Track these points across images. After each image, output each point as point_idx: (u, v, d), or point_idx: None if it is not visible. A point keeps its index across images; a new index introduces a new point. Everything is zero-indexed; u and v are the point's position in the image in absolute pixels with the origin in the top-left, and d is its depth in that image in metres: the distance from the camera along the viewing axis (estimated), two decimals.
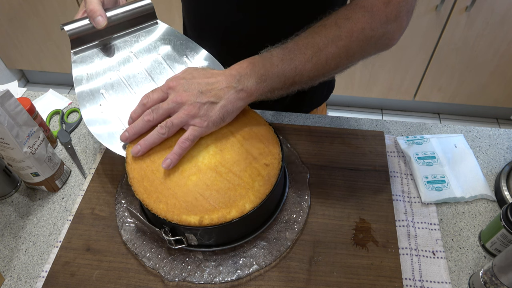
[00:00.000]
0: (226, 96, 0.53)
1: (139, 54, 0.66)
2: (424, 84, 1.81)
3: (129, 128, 0.55)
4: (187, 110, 0.53)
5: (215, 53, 0.68)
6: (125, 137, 0.55)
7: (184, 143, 0.52)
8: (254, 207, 0.52)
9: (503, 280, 0.48)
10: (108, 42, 0.65)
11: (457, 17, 1.53)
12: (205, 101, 0.53)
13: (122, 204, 0.62)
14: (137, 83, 0.63)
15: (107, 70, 0.64)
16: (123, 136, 0.55)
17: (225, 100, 0.53)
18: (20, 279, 0.57)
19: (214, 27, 0.73)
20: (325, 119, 0.76)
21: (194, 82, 0.54)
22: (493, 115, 2.00)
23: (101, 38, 0.64)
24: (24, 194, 0.67)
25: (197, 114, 0.53)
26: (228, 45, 0.74)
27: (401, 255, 0.57)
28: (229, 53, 0.75)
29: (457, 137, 0.71)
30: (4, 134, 0.55)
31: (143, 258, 0.56)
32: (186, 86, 0.54)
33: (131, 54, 0.66)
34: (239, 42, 0.72)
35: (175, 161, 0.52)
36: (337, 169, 0.67)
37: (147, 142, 0.53)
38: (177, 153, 0.52)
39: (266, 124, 0.60)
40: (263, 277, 0.55)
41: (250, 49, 0.73)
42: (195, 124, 0.53)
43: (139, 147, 0.53)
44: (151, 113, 0.54)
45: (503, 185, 0.63)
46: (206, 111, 0.53)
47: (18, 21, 1.84)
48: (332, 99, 2.07)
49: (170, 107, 0.53)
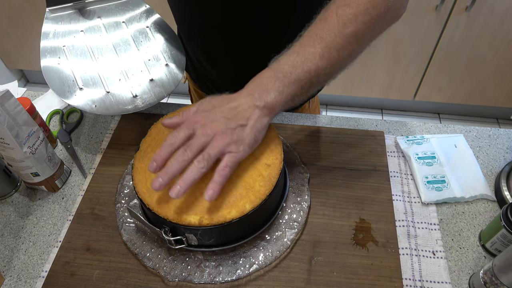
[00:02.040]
0: (252, 116, 0.52)
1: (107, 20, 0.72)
2: (424, 84, 1.81)
3: (163, 174, 0.50)
4: (220, 139, 0.51)
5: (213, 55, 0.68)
6: (159, 184, 0.50)
7: (224, 170, 0.50)
8: (254, 207, 0.52)
9: (503, 280, 0.48)
10: (85, 6, 0.71)
11: (457, 17, 1.53)
12: (235, 126, 0.51)
13: (122, 204, 0.62)
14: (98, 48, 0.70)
15: (73, 32, 0.70)
16: (157, 183, 0.50)
17: (253, 121, 0.52)
18: (20, 279, 0.57)
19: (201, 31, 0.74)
20: (325, 119, 0.76)
21: (217, 111, 0.53)
22: (493, 115, 2.00)
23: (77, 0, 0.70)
24: (24, 194, 0.67)
25: (231, 141, 0.51)
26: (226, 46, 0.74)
27: (401, 255, 0.57)
28: (229, 54, 0.75)
29: (457, 137, 0.71)
30: (4, 134, 0.55)
31: (143, 258, 0.56)
32: (211, 117, 0.52)
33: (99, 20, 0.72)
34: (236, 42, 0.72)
35: (217, 190, 0.50)
36: (337, 169, 0.67)
37: (187, 180, 0.49)
38: (218, 182, 0.49)
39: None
40: (263, 277, 0.55)
41: (250, 48, 0.73)
42: (231, 150, 0.51)
43: (179, 187, 0.49)
44: (184, 153, 0.50)
45: (503, 185, 0.63)
46: (239, 135, 0.51)
47: (18, 21, 1.84)
48: (332, 99, 2.08)
49: (202, 141, 0.51)
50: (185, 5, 0.72)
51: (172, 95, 2.17)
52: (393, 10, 0.53)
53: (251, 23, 0.69)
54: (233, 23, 0.69)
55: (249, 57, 0.74)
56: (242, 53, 0.74)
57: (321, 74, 0.53)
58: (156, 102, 0.68)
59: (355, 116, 1.22)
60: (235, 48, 0.73)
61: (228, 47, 0.74)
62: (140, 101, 0.67)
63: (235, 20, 0.68)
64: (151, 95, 0.68)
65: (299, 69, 0.52)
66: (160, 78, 0.70)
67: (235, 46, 0.73)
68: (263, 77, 0.54)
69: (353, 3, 0.51)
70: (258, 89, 0.53)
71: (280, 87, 0.52)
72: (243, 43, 0.72)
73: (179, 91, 2.14)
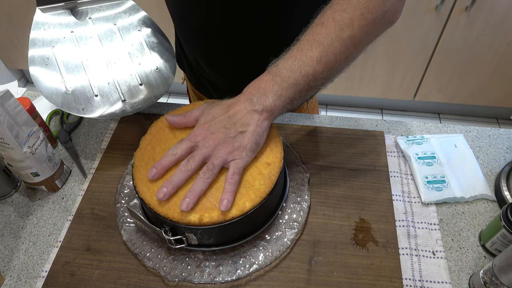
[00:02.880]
0: (251, 121, 0.53)
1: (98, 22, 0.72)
2: (424, 84, 1.81)
3: (167, 184, 0.51)
4: (222, 149, 0.52)
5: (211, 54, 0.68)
6: (164, 194, 0.51)
7: (233, 178, 0.52)
8: (254, 206, 0.52)
9: (503, 280, 0.48)
10: (76, 6, 0.71)
11: (457, 17, 1.53)
12: (234, 134, 0.53)
13: (122, 204, 0.62)
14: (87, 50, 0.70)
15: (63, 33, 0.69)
16: (161, 193, 0.51)
17: (253, 126, 0.53)
18: (20, 279, 0.57)
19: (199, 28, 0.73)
20: (325, 119, 0.76)
21: (216, 121, 0.54)
22: (493, 115, 2.00)
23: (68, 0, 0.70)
24: (24, 194, 0.67)
25: (233, 148, 0.52)
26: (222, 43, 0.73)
27: (401, 255, 0.57)
28: (227, 55, 0.75)
29: (457, 137, 0.71)
30: (4, 134, 0.55)
31: (143, 258, 0.56)
32: (212, 128, 0.54)
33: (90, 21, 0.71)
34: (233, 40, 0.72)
35: (231, 199, 0.51)
36: (337, 169, 0.67)
37: (195, 192, 0.51)
38: (230, 190, 0.51)
39: None
40: (263, 277, 0.55)
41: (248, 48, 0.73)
42: (234, 158, 0.53)
43: (188, 199, 0.50)
44: (188, 163, 0.52)
45: (503, 185, 0.63)
46: (240, 142, 0.53)
47: (18, 21, 1.84)
48: (332, 99, 2.08)
49: (204, 152, 0.53)
50: (184, 6, 0.72)
51: (172, 95, 2.17)
52: (389, 15, 0.54)
53: (251, 23, 0.69)
54: (233, 24, 0.69)
55: (248, 59, 0.74)
56: (241, 54, 0.74)
57: (318, 77, 0.54)
58: (145, 107, 0.67)
59: (355, 116, 1.22)
60: (235, 49, 0.73)
61: (227, 48, 0.74)
62: (128, 106, 0.66)
63: (235, 20, 0.68)
64: (140, 100, 0.67)
65: (297, 73, 0.53)
66: (150, 82, 0.69)
67: (235, 47, 0.73)
68: (261, 81, 0.55)
69: (349, 8, 0.52)
70: (257, 93, 0.54)
71: (278, 91, 0.53)
72: (243, 44, 0.72)
73: (178, 91, 2.14)
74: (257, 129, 0.53)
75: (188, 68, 0.87)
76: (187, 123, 0.58)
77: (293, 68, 0.53)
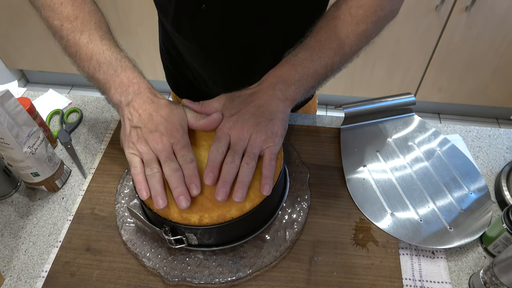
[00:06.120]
0: (278, 109, 0.55)
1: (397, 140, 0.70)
2: (424, 84, 1.81)
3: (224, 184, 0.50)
4: (257, 138, 0.54)
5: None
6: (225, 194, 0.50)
7: (270, 164, 0.53)
8: (254, 206, 0.52)
9: (503, 280, 0.48)
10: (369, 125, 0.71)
11: (457, 17, 1.53)
12: (266, 123, 0.54)
13: (122, 204, 0.62)
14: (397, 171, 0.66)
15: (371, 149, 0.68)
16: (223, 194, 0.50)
17: (280, 113, 0.56)
18: (20, 279, 0.57)
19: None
20: (325, 119, 0.76)
21: (244, 112, 0.55)
22: (493, 115, 2.00)
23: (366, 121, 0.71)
24: (24, 194, 0.67)
25: (267, 136, 0.54)
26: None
27: (401, 255, 0.57)
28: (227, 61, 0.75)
29: (456, 140, 0.71)
30: (4, 134, 0.55)
31: (143, 258, 0.56)
32: (241, 120, 0.55)
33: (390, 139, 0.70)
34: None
35: (271, 183, 0.52)
36: (337, 169, 0.67)
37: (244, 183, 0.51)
38: (269, 176, 0.52)
39: None
40: (263, 277, 0.55)
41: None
42: (268, 145, 0.54)
43: (241, 191, 0.50)
44: (233, 160, 0.52)
45: (503, 185, 0.63)
46: (271, 130, 0.54)
47: (18, 21, 1.84)
48: (332, 99, 2.08)
49: (242, 145, 0.54)
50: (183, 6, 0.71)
51: None
52: (394, 13, 0.60)
53: (251, 24, 0.68)
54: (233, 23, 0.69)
55: (246, 59, 0.73)
56: (238, 51, 0.73)
57: (335, 68, 0.59)
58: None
59: None
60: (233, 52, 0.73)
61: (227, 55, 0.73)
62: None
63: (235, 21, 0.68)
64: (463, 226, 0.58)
65: (316, 63, 0.57)
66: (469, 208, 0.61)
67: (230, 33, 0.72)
68: (282, 70, 0.57)
69: (365, 5, 0.57)
70: (279, 82, 0.57)
71: (299, 80, 0.57)
72: (241, 45, 0.72)
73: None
74: (284, 117, 0.56)
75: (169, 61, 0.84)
76: (202, 111, 0.58)
77: (313, 58, 0.57)
